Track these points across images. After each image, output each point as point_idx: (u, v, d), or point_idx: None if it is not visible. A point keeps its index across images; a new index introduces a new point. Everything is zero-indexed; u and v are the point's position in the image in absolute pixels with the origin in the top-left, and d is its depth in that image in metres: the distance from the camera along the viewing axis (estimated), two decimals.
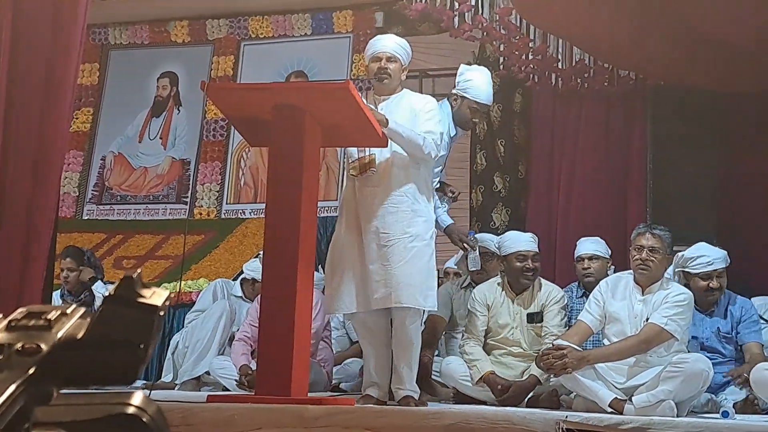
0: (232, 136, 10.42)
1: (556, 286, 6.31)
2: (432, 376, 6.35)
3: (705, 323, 6.08)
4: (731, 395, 5.74)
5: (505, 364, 6.00)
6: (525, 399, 5.75)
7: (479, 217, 8.89)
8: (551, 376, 5.48)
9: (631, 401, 5.01)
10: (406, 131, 5.14)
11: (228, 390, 6.69)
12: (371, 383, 5.35)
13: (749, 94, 8.14)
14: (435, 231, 5.36)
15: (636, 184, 8.68)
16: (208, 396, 5.00)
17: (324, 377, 6.82)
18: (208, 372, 7.09)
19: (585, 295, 6.34)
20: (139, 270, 0.92)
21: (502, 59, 8.96)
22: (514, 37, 8.36)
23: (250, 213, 10.20)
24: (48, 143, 5.47)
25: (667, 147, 8.58)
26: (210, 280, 8.72)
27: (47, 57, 5.51)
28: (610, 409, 5.00)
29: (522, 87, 9.13)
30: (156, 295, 0.89)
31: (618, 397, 5.08)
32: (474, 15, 8.09)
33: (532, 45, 8.47)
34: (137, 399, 0.86)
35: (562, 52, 8.64)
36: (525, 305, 6.10)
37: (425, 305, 5.16)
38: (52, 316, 0.87)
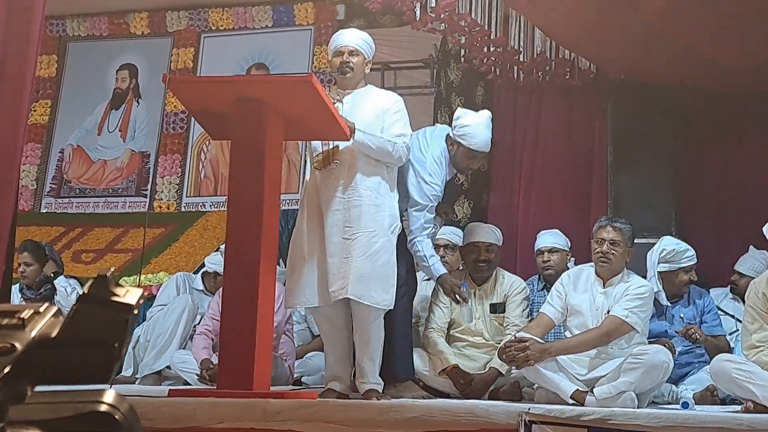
0: (192, 128, 10.36)
1: (518, 277, 6.34)
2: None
3: (670, 312, 6.18)
4: (691, 385, 5.82)
5: (468, 356, 6.02)
6: (487, 391, 5.77)
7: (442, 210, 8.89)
8: (513, 368, 5.51)
9: (593, 393, 5.05)
10: (374, 140, 5.14)
11: (189, 384, 6.66)
12: (333, 377, 5.35)
13: (707, 89, 8.21)
14: (399, 225, 5.35)
15: (598, 177, 8.73)
16: (169, 390, 4.97)
17: (285, 371, 6.80)
18: (169, 366, 7.04)
19: (546, 288, 6.39)
20: (113, 269, 0.91)
21: (463, 52, 8.97)
22: (474, 30, 8.35)
23: (210, 206, 10.15)
24: (7, 136, 5.40)
25: (627, 140, 8.62)
26: (170, 273, 8.66)
27: (3, 47, 5.43)
28: (571, 401, 5.03)
29: (484, 80, 9.15)
30: (130, 294, 0.88)
31: (580, 389, 5.11)
32: (433, 6, 8.08)
33: (492, 37, 8.47)
34: (109, 397, 0.85)
35: (523, 44, 8.65)
36: (486, 296, 6.13)
37: (381, 304, 5.12)
38: (25, 315, 0.87)
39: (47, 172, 10.78)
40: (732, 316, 6.65)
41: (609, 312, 5.30)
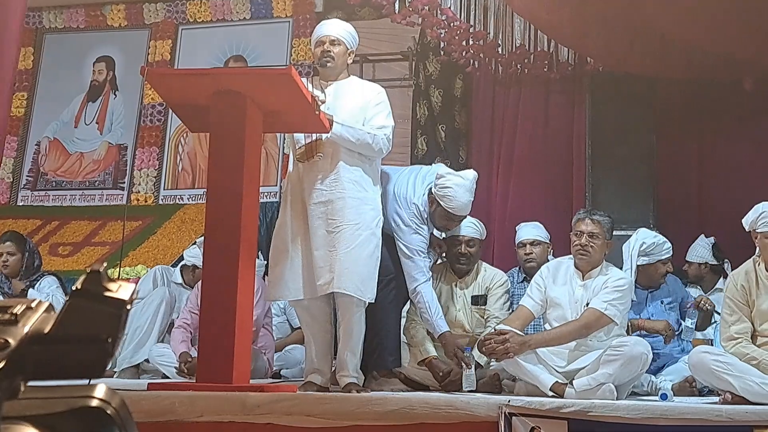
0: (169, 121, 10.34)
1: (500, 270, 6.34)
2: None
3: (649, 299, 6.24)
4: (669, 375, 5.86)
5: None
6: None
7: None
8: (492, 360, 5.52)
9: (572, 385, 5.06)
10: (353, 133, 5.13)
11: (167, 377, 6.64)
12: (313, 370, 5.34)
13: (684, 80, 8.24)
14: (381, 219, 5.34)
15: (576, 169, 8.74)
16: (148, 384, 4.95)
17: (265, 364, 6.80)
18: (147, 360, 7.02)
19: (526, 280, 6.40)
20: (105, 264, 0.90)
21: (442, 45, 8.97)
22: (453, 23, 8.36)
23: (188, 198, 10.13)
24: None
25: (605, 132, 8.65)
26: (148, 266, 8.64)
27: None
28: (551, 393, 5.05)
29: (462, 72, 9.15)
30: (123, 289, 0.88)
31: (559, 381, 5.13)
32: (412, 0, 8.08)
33: (471, 30, 8.48)
34: (100, 392, 0.85)
35: (502, 37, 8.66)
36: (467, 287, 6.13)
37: (365, 296, 5.12)
38: (17, 310, 0.86)
39: (23, 164, 10.75)
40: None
41: (588, 304, 5.32)
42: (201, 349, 4.82)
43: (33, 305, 0.87)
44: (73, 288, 0.88)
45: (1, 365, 0.82)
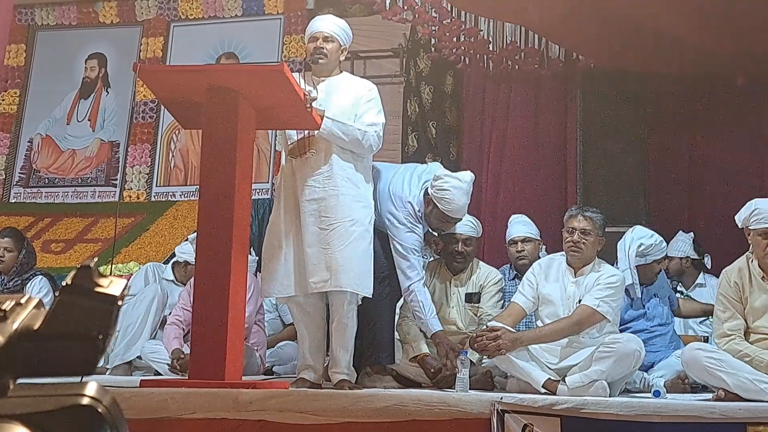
0: (162, 117, 10.33)
1: (494, 268, 6.34)
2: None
3: (645, 295, 6.26)
4: (661, 371, 5.86)
5: None
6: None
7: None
8: (484, 357, 5.51)
9: (565, 382, 5.06)
10: (344, 129, 5.12)
11: (160, 374, 6.63)
12: (306, 366, 5.33)
13: (675, 76, 8.25)
14: (373, 216, 5.34)
15: (568, 165, 8.74)
16: (141, 381, 4.94)
17: (257, 361, 6.79)
18: (140, 356, 7.01)
19: (517, 277, 6.40)
20: (96, 259, 0.90)
21: (433, 41, 8.97)
22: (445, 20, 8.36)
23: (180, 195, 10.12)
24: None
25: (597, 129, 8.66)
26: (140, 263, 8.63)
27: None
28: (543, 390, 5.04)
29: (453, 69, 9.15)
30: (114, 285, 0.87)
31: (551, 378, 5.12)
32: None
33: (463, 27, 8.48)
34: (91, 389, 0.84)
35: (493, 34, 8.66)
36: (461, 285, 6.12)
37: (363, 292, 5.13)
38: (6, 306, 0.85)
39: (16, 161, 10.73)
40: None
41: (580, 301, 5.31)
42: (193, 346, 4.82)
43: (22, 301, 0.87)
44: (64, 284, 0.87)
45: None
